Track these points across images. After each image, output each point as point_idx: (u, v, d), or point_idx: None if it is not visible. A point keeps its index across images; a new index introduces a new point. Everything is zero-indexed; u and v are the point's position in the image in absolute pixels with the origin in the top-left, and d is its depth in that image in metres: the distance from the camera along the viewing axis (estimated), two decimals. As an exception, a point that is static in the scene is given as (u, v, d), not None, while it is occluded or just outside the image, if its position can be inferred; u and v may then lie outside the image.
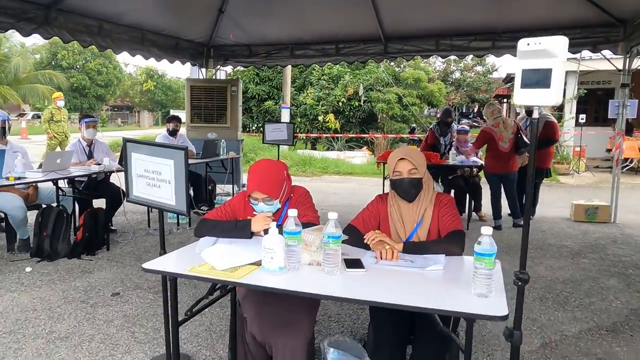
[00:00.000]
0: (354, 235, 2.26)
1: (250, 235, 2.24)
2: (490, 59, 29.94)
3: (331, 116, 15.07)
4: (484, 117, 6.40)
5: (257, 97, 15.96)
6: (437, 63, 27.77)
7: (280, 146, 8.08)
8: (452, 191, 6.71)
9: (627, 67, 6.52)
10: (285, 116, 13.98)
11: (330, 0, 6.49)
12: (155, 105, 42.69)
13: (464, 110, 37.59)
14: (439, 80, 21.80)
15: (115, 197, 5.38)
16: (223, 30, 7.81)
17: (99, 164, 4.81)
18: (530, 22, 6.47)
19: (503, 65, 51.17)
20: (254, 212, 2.35)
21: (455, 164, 6.31)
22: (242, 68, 8.18)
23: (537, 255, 5.05)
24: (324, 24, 7.32)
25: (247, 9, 6.99)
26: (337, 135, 15.11)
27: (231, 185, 7.44)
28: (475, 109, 39.44)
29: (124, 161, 2.60)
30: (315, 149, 15.53)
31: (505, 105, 28.90)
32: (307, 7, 6.70)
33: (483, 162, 6.42)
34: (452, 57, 28.09)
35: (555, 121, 6.68)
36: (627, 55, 6.41)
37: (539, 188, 6.82)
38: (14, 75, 26.29)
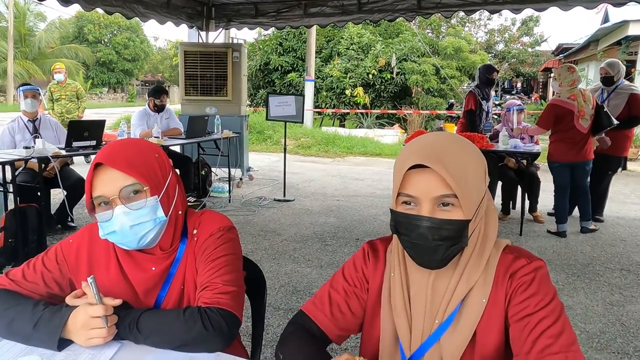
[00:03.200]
0: (301, 348, 0.98)
1: (60, 346, 0.99)
2: (539, 29, 27.48)
3: (360, 90, 13.56)
4: (559, 82, 4.57)
5: (280, 69, 14.60)
6: (479, 34, 25.66)
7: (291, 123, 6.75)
8: (500, 183, 5.31)
9: None
10: (309, 89, 12.62)
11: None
12: (185, 80, 41.98)
13: (506, 86, 35.14)
14: (481, 51, 19.79)
15: (74, 187, 4.26)
16: (223, -17, 6.53)
17: (27, 147, 3.63)
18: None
19: (553, 35, 47.29)
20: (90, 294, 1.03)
21: (507, 149, 4.84)
22: (247, 30, 6.82)
23: (626, 284, 3.57)
24: (344, -28, 5.91)
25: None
26: (364, 111, 13.63)
27: (233, 170, 6.21)
28: (519, 85, 36.88)
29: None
30: (343, 126, 14.15)
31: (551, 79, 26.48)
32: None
33: (540, 148, 4.99)
34: (496, 27, 25.84)
35: None
36: None
37: (609, 182, 5.20)
38: (39, 50, 25.83)
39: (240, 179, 6.84)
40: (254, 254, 4.03)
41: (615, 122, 4.49)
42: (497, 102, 19.80)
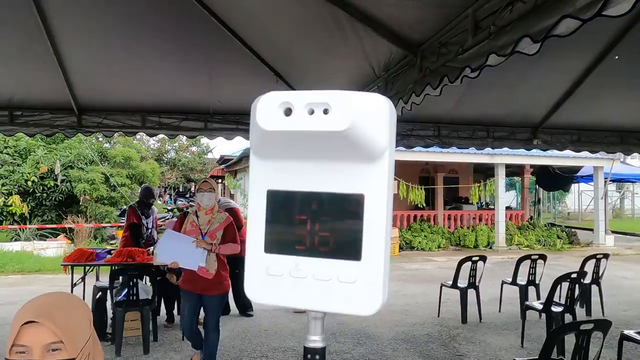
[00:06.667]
0: None
1: None
2: (205, 140, 30.92)
3: (15, 198, 12.15)
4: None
5: None
6: (150, 142, 26.95)
7: None
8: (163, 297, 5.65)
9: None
10: None
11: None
12: None
13: (181, 190, 37.34)
14: (152, 159, 20.82)
15: None
16: None
17: None
18: (240, 106, 6.42)
19: (218, 146, 53.74)
20: None
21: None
22: None
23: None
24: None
25: None
26: (18, 227, 12.16)
27: None
28: (193, 189, 39.76)
29: None
30: (-8, 239, 12.18)
31: (220, 185, 29.85)
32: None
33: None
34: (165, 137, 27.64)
35: (238, 207, 6.47)
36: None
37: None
38: None
39: None
40: None
41: None
42: (169, 208, 20.87)
